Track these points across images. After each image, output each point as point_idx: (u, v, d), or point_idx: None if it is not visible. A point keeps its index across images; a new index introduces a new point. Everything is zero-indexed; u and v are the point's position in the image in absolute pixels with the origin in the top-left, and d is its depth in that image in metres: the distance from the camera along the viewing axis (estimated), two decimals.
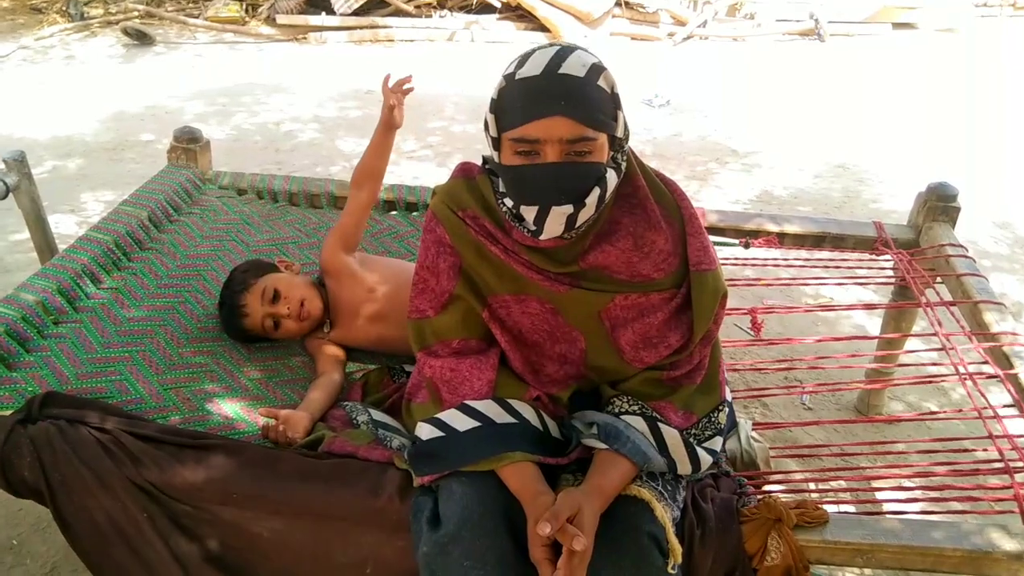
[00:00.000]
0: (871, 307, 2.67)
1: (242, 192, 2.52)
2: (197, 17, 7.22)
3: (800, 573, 1.42)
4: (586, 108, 1.22)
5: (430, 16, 7.26)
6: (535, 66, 1.23)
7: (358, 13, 7.03)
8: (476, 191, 1.44)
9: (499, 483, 1.36)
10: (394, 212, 2.50)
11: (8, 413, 1.56)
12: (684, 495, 1.45)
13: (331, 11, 6.99)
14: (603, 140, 1.26)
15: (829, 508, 1.51)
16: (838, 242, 2.41)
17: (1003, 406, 1.78)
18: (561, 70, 1.22)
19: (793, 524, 1.43)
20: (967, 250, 2.26)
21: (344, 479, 1.47)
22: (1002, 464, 1.63)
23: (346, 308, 1.92)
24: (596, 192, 1.27)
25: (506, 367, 1.48)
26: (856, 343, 2.81)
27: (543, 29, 7.07)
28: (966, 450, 1.78)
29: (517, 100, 1.24)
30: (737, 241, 2.41)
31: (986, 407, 1.77)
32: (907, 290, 2.27)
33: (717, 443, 1.49)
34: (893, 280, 2.39)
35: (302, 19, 6.97)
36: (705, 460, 1.45)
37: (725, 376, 1.55)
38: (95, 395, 1.69)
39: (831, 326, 3.16)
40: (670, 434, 1.42)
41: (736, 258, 2.42)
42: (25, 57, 6.29)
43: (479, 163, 1.48)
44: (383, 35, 6.99)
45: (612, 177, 1.30)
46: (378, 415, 1.67)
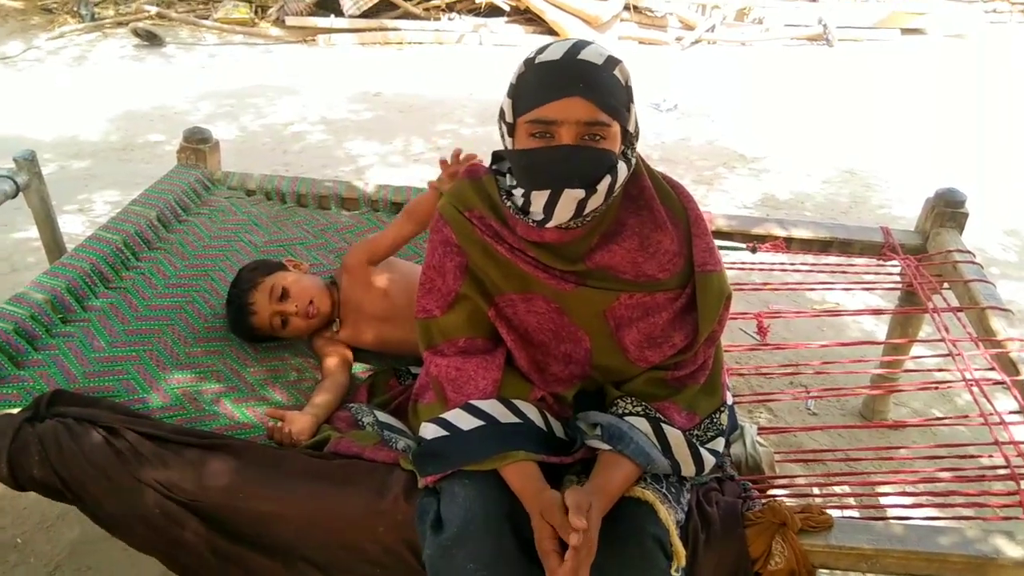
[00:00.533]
0: (878, 312, 2.66)
1: (251, 193, 2.53)
2: (207, 19, 7.25)
3: None
4: (602, 93, 1.24)
5: (438, 19, 7.28)
6: (555, 52, 1.27)
7: (367, 15, 7.05)
8: (482, 191, 1.45)
9: (501, 485, 1.37)
10: None
11: (16, 411, 1.57)
12: (688, 498, 1.46)
13: (340, 13, 7.01)
14: (616, 130, 1.28)
15: (834, 513, 1.51)
16: (845, 247, 2.40)
17: (1009, 412, 1.78)
18: (580, 56, 1.25)
19: (798, 528, 1.43)
20: (975, 256, 2.25)
21: (350, 479, 1.48)
22: (1008, 470, 1.62)
23: (356, 308, 1.93)
24: (607, 180, 1.28)
25: (511, 367, 1.49)
26: (862, 348, 2.80)
27: (551, 33, 7.08)
28: (972, 456, 1.78)
29: (536, 82, 1.27)
30: (744, 245, 2.40)
31: (992, 413, 1.76)
32: (914, 296, 2.27)
33: (719, 444, 1.49)
34: (900, 286, 2.38)
35: (311, 21, 6.99)
36: (708, 461, 1.45)
37: (726, 378, 1.55)
38: (102, 394, 1.70)
39: (837, 331, 3.16)
40: (673, 435, 1.42)
41: (743, 262, 2.42)
42: (36, 57, 6.32)
43: (485, 165, 1.49)
44: (392, 37, 7.01)
45: (623, 169, 1.31)
46: (383, 416, 1.68)
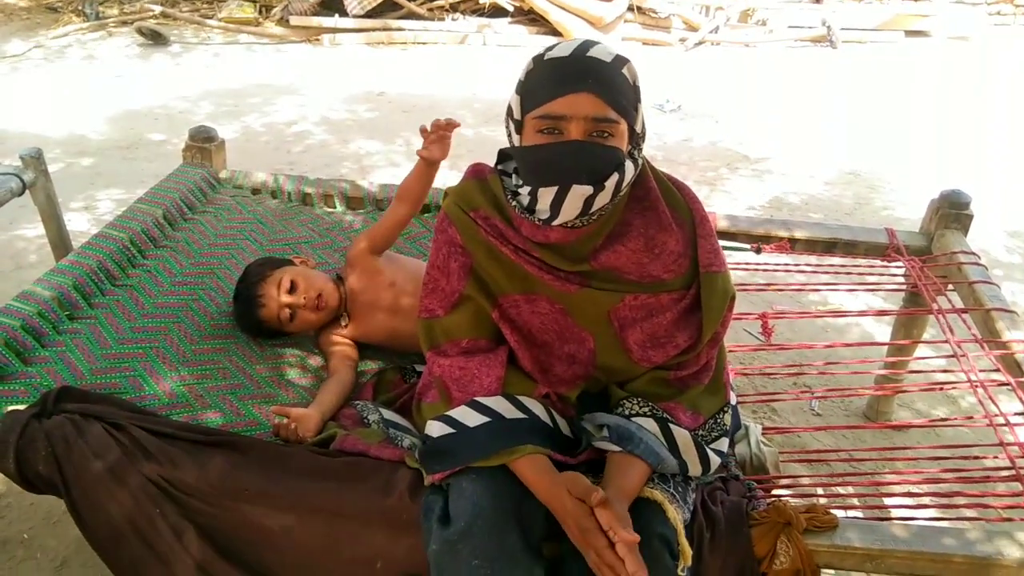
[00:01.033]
0: (882, 313, 2.67)
1: (256, 191, 2.53)
2: (211, 18, 7.26)
3: None
4: (612, 90, 1.25)
5: (443, 19, 7.28)
6: (564, 50, 1.28)
7: (371, 15, 7.06)
8: (488, 191, 1.45)
9: (510, 480, 1.37)
10: None
11: (24, 407, 1.58)
12: (694, 497, 1.46)
13: (344, 13, 7.02)
14: (624, 128, 1.28)
15: (838, 513, 1.51)
16: (850, 248, 2.41)
17: (1014, 414, 1.78)
18: (589, 53, 1.26)
19: (803, 528, 1.44)
20: (979, 258, 2.26)
21: (356, 477, 1.48)
22: (1012, 472, 1.63)
23: (364, 302, 1.94)
24: (615, 178, 1.29)
25: (515, 365, 1.49)
26: (866, 349, 2.80)
27: (555, 33, 7.08)
28: (976, 457, 1.78)
29: (545, 78, 1.27)
30: (748, 246, 2.40)
31: (997, 415, 1.76)
32: (918, 297, 2.27)
33: (724, 444, 1.50)
34: (904, 287, 2.38)
35: (315, 21, 7.00)
36: (714, 461, 1.46)
37: (730, 379, 1.56)
38: (109, 391, 1.70)
39: (841, 332, 3.16)
40: (681, 435, 1.42)
41: (747, 263, 2.42)
42: (41, 56, 6.33)
43: (491, 165, 1.50)
44: (396, 37, 7.01)
45: (630, 168, 1.31)
46: (389, 414, 1.68)
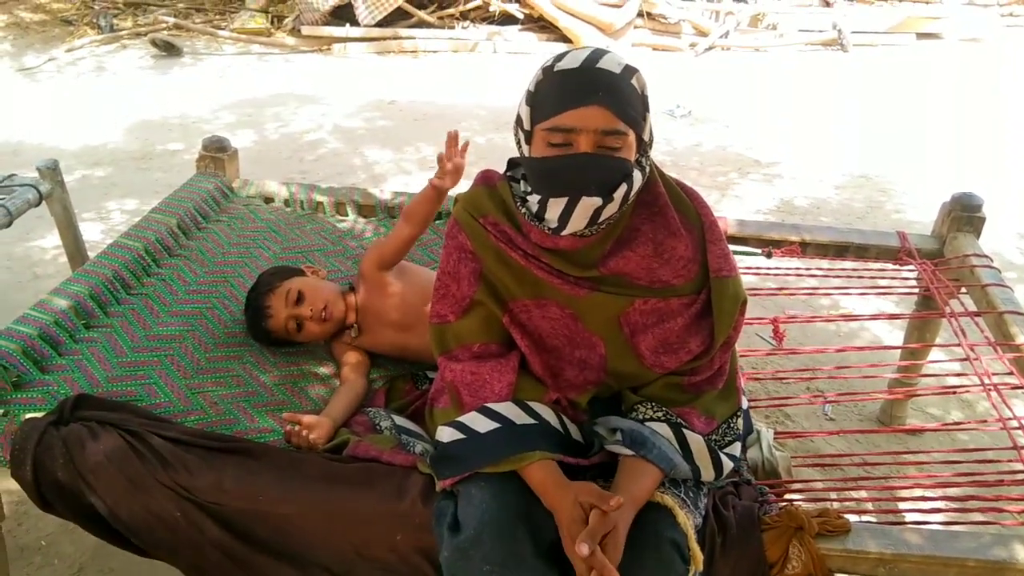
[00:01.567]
0: (895, 317, 2.65)
1: (269, 200, 2.55)
2: (224, 29, 7.32)
3: None
4: (621, 102, 1.26)
5: (453, 27, 7.32)
6: (573, 60, 1.28)
7: (381, 24, 7.10)
8: (497, 198, 1.46)
9: (518, 486, 1.37)
10: None
11: (41, 415, 1.60)
12: (706, 502, 1.46)
13: (355, 23, 7.06)
14: (632, 139, 1.29)
15: (851, 518, 1.50)
16: (861, 252, 2.40)
17: None
18: (599, 65, 1.27)
19: (815, 533, 1.43)
20: (992, 260, 2.25)
21: (369, 482, 1.49)
22: None
23: (375, 314, 1.94)
24: (623, 188, 1.29)
25: (526, 370, 1.50)
26: (879, 353, 2.79)
27: (565, 40, 7.10)
28: (990, 461, 1.77)
29: (555, 90, 1.28)
30: (759, 250, 2.40)
31: (1011, 418, 1.76)
32: (931, 300, 2.26)
33: (736, 449, 1.50)
34: (917, 290, 2.37)
35: (326, 31, 7.04)
36: (727, 466, 1.45)
37: (741, 383, 1.56)
38: (125, 398, 1.72)
39: (853, 336, 3.15)
40: (695, 440, 1.42)
41: (758, 268, 2.42)
42: (56, 68, 6.40)
43: (500, 171, 1.50)
44: (407, 46, 7.05)
45: (638, 177, 1.32)
46: (401, 420, 1.69)
